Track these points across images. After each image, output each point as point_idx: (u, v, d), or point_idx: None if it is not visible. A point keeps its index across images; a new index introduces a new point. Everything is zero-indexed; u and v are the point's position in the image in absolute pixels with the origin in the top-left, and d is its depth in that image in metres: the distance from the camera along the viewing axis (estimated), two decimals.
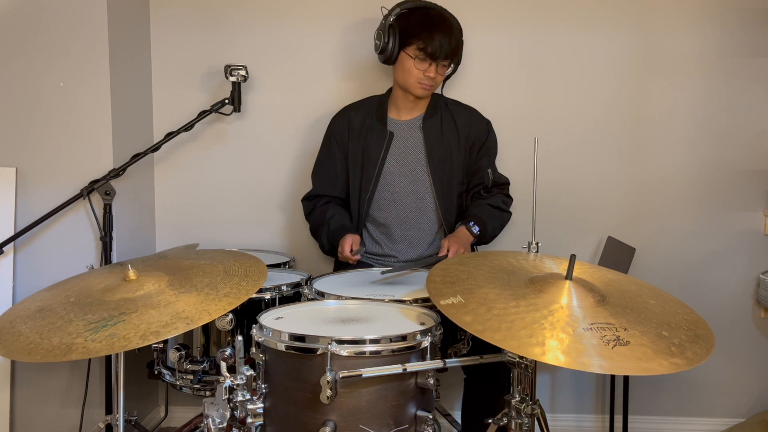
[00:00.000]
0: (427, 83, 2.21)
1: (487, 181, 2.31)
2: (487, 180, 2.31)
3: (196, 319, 1.49)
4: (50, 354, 1.46)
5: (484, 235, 2.26)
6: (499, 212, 2.32)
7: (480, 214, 2.26)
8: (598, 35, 2.57)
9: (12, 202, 2.34)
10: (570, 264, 1.52)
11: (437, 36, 2.16)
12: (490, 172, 2.32)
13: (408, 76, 2.22)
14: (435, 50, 2.16)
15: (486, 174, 2.31)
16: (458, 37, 2.25)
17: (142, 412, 2.62)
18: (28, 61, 2.34)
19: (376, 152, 2.30)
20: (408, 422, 1.47)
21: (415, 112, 2.34)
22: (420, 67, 2.19)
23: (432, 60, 2.18)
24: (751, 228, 2.59)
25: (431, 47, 2.16)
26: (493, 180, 2.32)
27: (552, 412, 2.70)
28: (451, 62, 2.26)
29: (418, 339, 1.48)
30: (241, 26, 2.64)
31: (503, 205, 2.34)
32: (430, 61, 2.18)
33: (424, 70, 2.19)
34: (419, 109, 2.33)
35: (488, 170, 2.32)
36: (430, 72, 2.19)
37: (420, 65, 2.19)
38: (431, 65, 2.19)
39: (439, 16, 2.22)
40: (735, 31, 2.53)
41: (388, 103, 2.36)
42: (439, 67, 2.21)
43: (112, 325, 1.49)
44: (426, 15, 2.21)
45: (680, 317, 1.51)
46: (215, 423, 1.45)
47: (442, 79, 2.29)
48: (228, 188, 2.70)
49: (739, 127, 2.57)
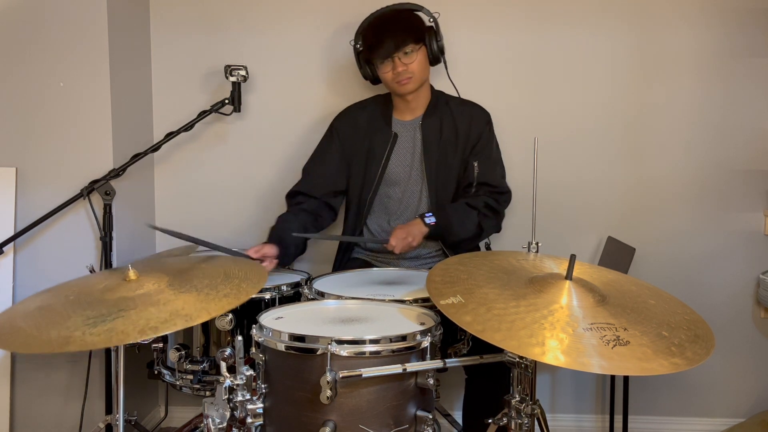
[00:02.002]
0: (401, 78, 2.20)
1: (472, 177, 2.25)
2: (472, 176, 2.25)
3: (195, 316, 1.50)
4: (48, 345, 1.45)
5: (446, 230, 2.18)
6: (476, 214, 2.20)
7: (447, 208, 2.22)
8: (598, 35, 2.57)
9: (12, 202, 2.34)
10: (570, 264, 1.52)
11: (378, 35, 2.21)
12: (475, 165, 2.24)
13: (386, 82, 2.26)
14: (381, 48, 2.19)
15: (472, 167, 2.25)
16: (406, 22, 2.23)
17: (142, 412, 2.62)
18: (29, 61, 2.34)
19: (380, 153, 2.30)
20: (408, 422, 1.47)
21: (417, 111, 2.33)
22: (386, 70, 2.22)
23: (385, 58, 2.19)
24: (751, 228, 2.59)
25: (377, 48, 2.20)
26: (478, 176, 2.24)
27: (552, 412, 2.70)
28: (406, 47, 2.18)
29: (418, 339, 1.48)
30: (241, 26, 2.64)
31: (485, 209, 2.22)
32: (386, 59, 2.20)
33: (390, 69, 2.21)
34: (420, 109, 2.33)
35: (474, 163, 2.25)
36: (396, 68, 2.19)
37: (384, 68, 2.22)
38: (389, 61, 2.20)
39: (378, 16, 2.27)
40: (734, 31, 2.53)
41: (392, 103, 2.36)
42: (398, 59, 2.19)
43: (110, 320, 1.49)
44: (368, 25, 2.28)
45: (680, 317, 1.51)
46: (215, 423, 1.45)
47: (416, 67, 2.20)
48: (228, 188, 2.70)
49: (739, 126, 2.57)
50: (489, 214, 2.25)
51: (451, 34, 2.49)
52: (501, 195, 2.30)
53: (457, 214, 2.20)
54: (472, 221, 2.21)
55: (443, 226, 2.18)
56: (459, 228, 2.19)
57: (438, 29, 2.27)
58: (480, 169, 2.25)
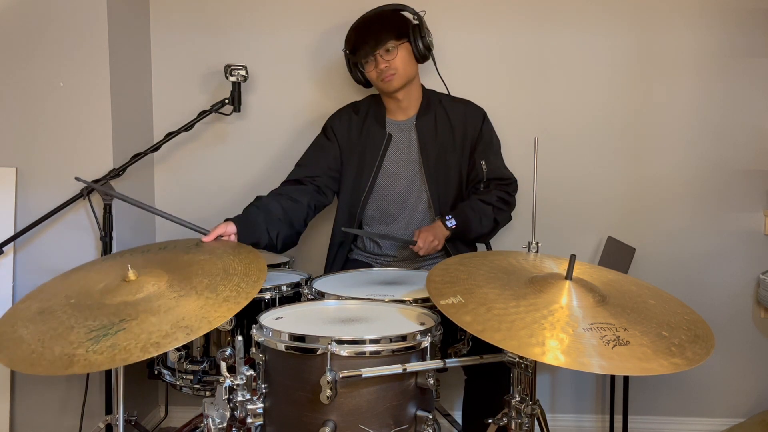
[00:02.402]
0: (385, 75, 2.21)
1: (482, 175, 2.26)
2: (482, 173, 2.26)
3: (196, 328, 1.50)
4: (52, 366, 1.46)
5: (466, 230, 2.21)
6: (492, 209, 2.23)
7: (464, 208, 2.22)
8: (597, 35, 2.57)
9: (12, 202, 2.34)
10: (570, 264, 1.52)
11: (359, 36, 2.25)
12: (483, 164, 2.25)
13: (373, 82, 2.29)
14: (363, 48, 2.22)
15: (480, 166, 2.25)
16: (387, 20, 2.25)
17: (142, 412, 2.62)
18: (29, 61, 2.34)
19: (374, 153, 2.30)
20: (408, 422, 1.47)
21: (410, 111, 2.33)
22: (369, 69, 2.25)
23: (367, 56, 2.22)
24: (751, 228, 2.59)
25: (359, 48, 2.24)
26: (487, 173, 2.25)
27: (552, 412, 2.70)
28: (387, 44, 2.19)
29: (418, 339, 1.48)
30: (240, 26, 2.64)
31: (499, 203, 2.25)
32: (369, 58, 2.22)
33: (374, 68, 2.23)
34: (412, 109, 2.33)
35: (481, 162, 2.25)
36: (379, 65, 2.21)
37: (369, 68, 2.25)
38: (372, 60, 2.22)
39: (360, 19, 2.30)
40: (734, 31, 2.53)
41: (385, 104, 2.36)
42: (380, 56, 2.20)
43: (113, 334, 1.49)
44: (351, 29, 2.30)
45: (680, 317, 1.51)
46: (215, 423, 1.45)
47: (399, 63, 2.20)
48: (228, 188, 2.70)
49: (740, 126, 2.57)
50: (503, 207, 2.28)
51: (452, 35, 2.50)
52: (510, 185, 2.32)
53: (474, 213, 2.22)
54: (488, 217, 2.24)
55: (462, 226, 2.20)
56: (477, 226, 2.22)
57: (423, 26, 2.26)
58: (488, 167, 2.26)
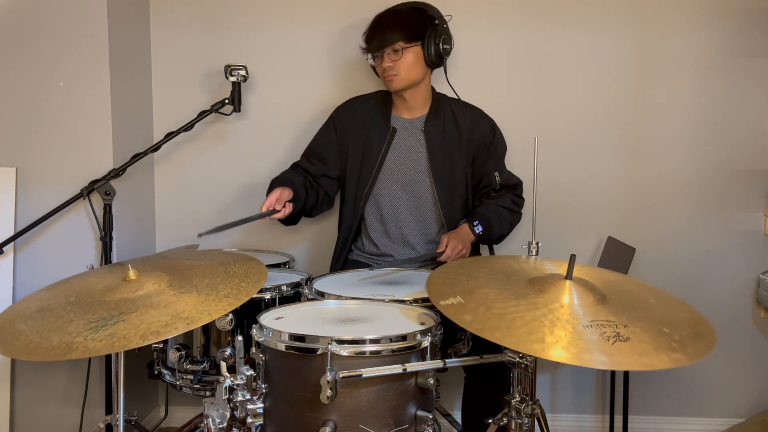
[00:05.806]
0: (387, 74, 2.23)
1: (495, 184, 2.28)
2: (495, 183, 2.28)
3: (196, 319, 1.49)
4: (50, 353, 1.46)
5: (489, 234, 2.24)
6: (508, 212, 2.29)
7: (486, 212, 2.24)
8: (597, 35, 2.57)
9: (12, 202, 2.34)
10: (570, 264, 1.52)
11: (373, 29, 2.26)
12: (497, 175, 2.28)
13: (380, 76, 2.31)
14: (372, 42, 2.24)
15: (493, 177, 2.28)
16: (404, 20, 2.24)
17: (142, 412, 2.62)
18: (28, 61, 2.34)
19: (378, 147, 2.31)
20: (408, 422, 1.47)
21: (416, 111, 2.33)
22: (377, 64, 2.27)
23: (376, 51, 2.24)
24: (751, 228, 2.59)
25: (370, 41, 2.26)
26: (501, 183, 2.28)
27: (552, 412, 2.70)
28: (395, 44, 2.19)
29: (418, 339, 1.48)
30: (241, 26, 2.64)
31: (513, 206, 2.32)
32: (377, 54, 2.24)
33: (379, 63, 2.25)
34: (420, 109, 2.33)
35: (495, 173, 2.28)
36: (384, 63, 2.22)
37: (376, 62, 2.28)
38: (379, 57, 2.24)
39: (382, 12, 2.30)
40: (734, 31, 2.53)
41: (392, 99, 2.36)
42: (387, 55, 2.21)
43: (112, 324, 1.49)
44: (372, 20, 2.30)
45: (681, 315, 1.51)
46: (215, 423, 1.45)
47: (402, 66, 2.21)
48: (228, 188, 2.70)
49: (739, 126, 2.57)
50: (516, 210, 2.35)
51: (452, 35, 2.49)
52: (518, 188, 2.37)
53: (495, 218, 2.25)
54: (506, 221, 2.29)
55: (486, 231, 2.22)
56: (497, 229, 2.26)
57: (441, 31, 2.24)
58: (502, 179, 2.30)
